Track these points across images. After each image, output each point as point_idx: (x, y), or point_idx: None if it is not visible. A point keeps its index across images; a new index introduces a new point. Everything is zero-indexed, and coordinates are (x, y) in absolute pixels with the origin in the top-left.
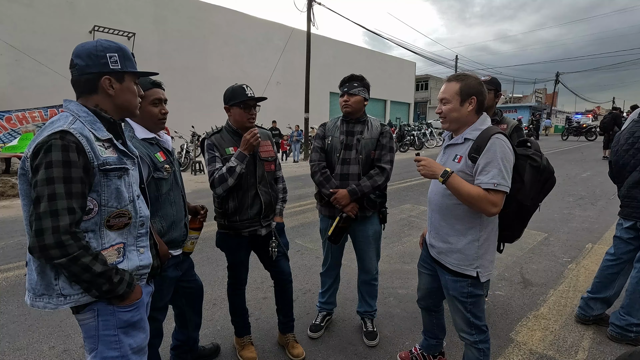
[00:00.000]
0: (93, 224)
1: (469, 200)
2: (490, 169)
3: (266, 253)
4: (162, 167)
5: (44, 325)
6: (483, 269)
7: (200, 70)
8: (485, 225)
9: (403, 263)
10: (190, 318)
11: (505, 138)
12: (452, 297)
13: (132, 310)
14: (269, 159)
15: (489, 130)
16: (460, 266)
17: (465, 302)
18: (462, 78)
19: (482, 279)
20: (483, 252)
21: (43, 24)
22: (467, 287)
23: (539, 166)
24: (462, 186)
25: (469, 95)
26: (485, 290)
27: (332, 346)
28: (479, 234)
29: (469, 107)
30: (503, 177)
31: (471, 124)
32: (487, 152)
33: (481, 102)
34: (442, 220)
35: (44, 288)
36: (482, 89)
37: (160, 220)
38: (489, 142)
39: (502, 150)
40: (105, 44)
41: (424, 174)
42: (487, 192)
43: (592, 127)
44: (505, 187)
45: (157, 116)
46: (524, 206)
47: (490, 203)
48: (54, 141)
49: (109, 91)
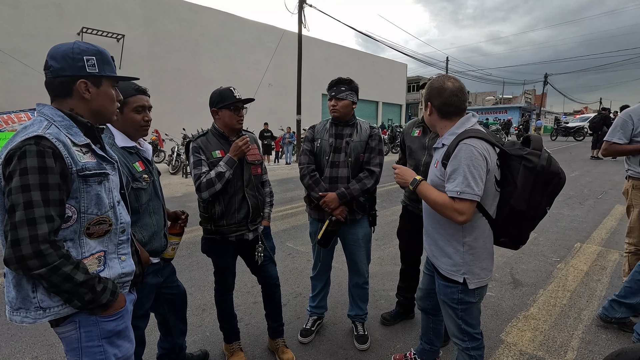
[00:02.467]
0: (72, 232)
1: (436, 208)
2: (456, 177)
3: (253, 258)
4: (141, 177)
5: (27, 335)
6: (471, 276)
7: (192, 72)
8: (469, 231)
9: (394, 265)
10: (175, 325)
11: (476, 142)
12: (443, 302)
13: (116, 319)
14: (256, 163)
15: (461, 134)
16: (449, 271)
17: (456, 308)
18: (428, 83)
19: (471, 286)
20: (470, 258)
21: (30, 26)
22: (457, 293)
23: (535, 167)
24: (429, 194)
25: (426, 101)
26: (478, 297)
27: (323, 350)
28: (463, 240)
29: (427, 112)
30: (468, 184)
31: (446, 129)
32: (454, 158)
33: (438, 107)
34: (430, 225)
35: (20, 301)
36: (439, 94)
37: (141, 230)
38: (457, 147)
39: (468, 156)
40: (83, 46)
41: (398, 182)
42: (453, 200)
43: (580, 128)
44: (471, 194)
45: (139, 123)
46: (519, 211)
47: (456, 211)
48: (28, 147)
49: (85, 95)
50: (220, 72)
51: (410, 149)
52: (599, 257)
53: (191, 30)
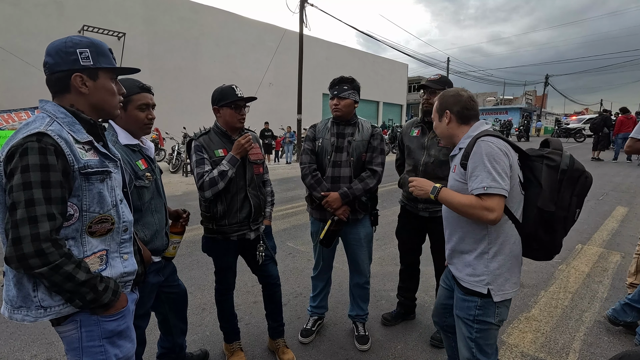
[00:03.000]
0: (73, 231)
1: (463, 211)
2: (479, 173)
3: (254, 257)
4: (144, 176)
5: (25, 332)
6: (496, 287)
7: (192, 71)
8: (495, 236)
9: (395, 265)
10: (175, 324)
11: (493, 139)
12: (458, 317)
13: (117, 319)
14: (258, 162)
15: (477, 134)
16: (471, 282)
17: (471, 327)
18: (439, 95)
19: (495, 298)
20: (495, 267)
21: (30, 24)
22: (474, 308)
23: (558, 165)
24: (453, 198)
25: (443, 110)
26: (498, 319)
27: (323, 351)
28: (488, 247)
29: (446, 120)
30: (493, 179)
31: (462, 134)
32: (473, 156)
33: (458, 112)
34: (451, 232)
35: (21, 300)
36: (456, 101)
37: (143, 229)
38: (475, 145)
39: (487, 151)
40: (75, 39)
41: (417, 194)
42: (479, 197)
43: (581, 129)
44: (498, 189)
45: (143, 121)
46: (548, 213)
47: (485, 209)
48: (29, 144)
49: (82, 89)
50: (221, 71)
51: (409, 148)
52: (600, 258)
53: (192, 29)
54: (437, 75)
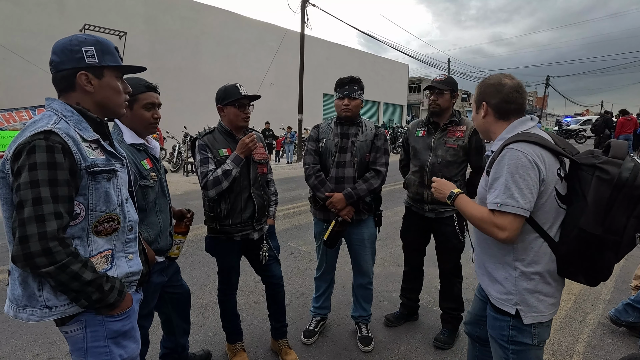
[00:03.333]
0: (80, 230)
1: (475, 224)
2: (497, 186)
3: (257, 257)
4: (149, 175)
5: (27, 332)
6: (526, 308)
7: (192, 70)
8: (521, 252)
9: (397, 266)
10: (178, 324)
11: (525, 146)
12: (492, 337)
13: (122, 319)
14: (262, 162)
15: (509, 139)
16: (499, 300)
17: (506, 347)
18: (479, 83)
19: (526, 320)
20: (525, 286)
21: (31, 22)
22: (507, 328)
23: (612, 179)
24: (466, 208)
25: (480, 101)
26: (537, 339)
27: (326, 352)
28: (514, 264)
29: (482, 113)
30: (510, 195)
31: (499, 132)
32: (496, 165)
33: (496, 105)
34: (478, 244)
35: (26, 299)
36: (496, 91)
37: (147, 229)
38: (501, 153)
39: (513, 162)
40: (81, 37)
41: (436, 196)
42: (492, 213)
43: (582, 131)
44: (512, 207)
45: (148, 121)
46: (591, 235)
47: (495, 227)
48: (37, 142)
49: (87, 88)
50: (222, 70)
51: (414, 149)
52: None
53: (192, 29)
54: (443, 76)
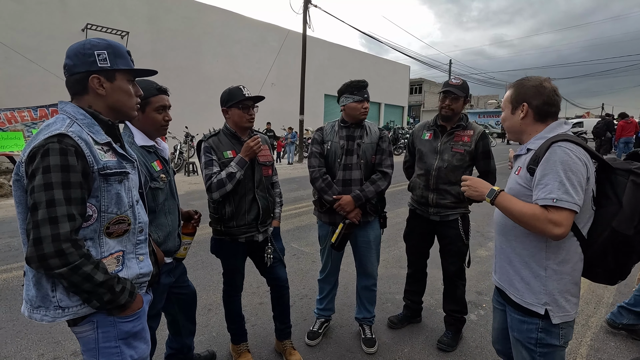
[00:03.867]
0: (92, 232)
1: (523, 221)
2: (548, 182)
3: (262, 259)
4: (159, 177)
5: (32, 331)
6: (556, 308)
7: (194, 70)
8: (554, 251)
9: (400, 268)
10: (184, 325)
11: (572, 145)
12: (517, 341)
13: (133, 320)
14: (267, 164)
15: (553, 137)
16: (525, 298)
17: (533, 351)
18: (517, 83)
19: (554, 320)
20: (554, 285)
21: (33, 21)
22: (535, 331)
23: None
24: (514, 205)
25: (520, 102)
26: (563, 340)
27: (330, 353)
28: (546, 263)
29: (521, 114)
30: (566, 191)
31: (534, 133)
32: (545, 162)
33: (538, 107)
34: (505, 242)
35: (40, 300)
36: (538, 93)
37: (156, 230)
38: (548, 150)
39: (564, 159)
40: (94, 41)
41: (469, 195)
42: (545, 209)
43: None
44: (568, 203)
45: (160, 123)
46: (623, 236)
47: (550, 222)
48: (51, 145)
49: (99, 91)
50: (223, 70)
51: (420, 152)
52: None
53: (195, 29)
54: (459, 80)
